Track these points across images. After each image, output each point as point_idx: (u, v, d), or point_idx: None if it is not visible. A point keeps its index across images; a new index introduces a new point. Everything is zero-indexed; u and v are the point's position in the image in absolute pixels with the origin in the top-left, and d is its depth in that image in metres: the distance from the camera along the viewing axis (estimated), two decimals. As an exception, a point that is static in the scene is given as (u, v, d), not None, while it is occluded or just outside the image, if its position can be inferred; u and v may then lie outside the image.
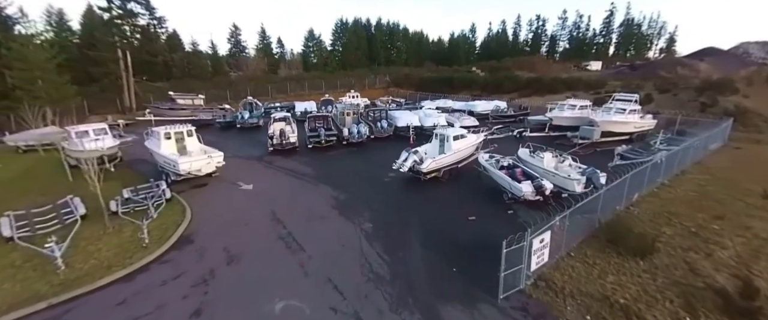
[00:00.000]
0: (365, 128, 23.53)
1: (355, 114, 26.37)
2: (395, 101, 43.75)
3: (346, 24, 78.62)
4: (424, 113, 26.92)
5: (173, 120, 31.39)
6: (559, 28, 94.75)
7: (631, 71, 47.16)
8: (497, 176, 14.27)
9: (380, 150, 22.34)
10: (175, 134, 16.21)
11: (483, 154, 16.37)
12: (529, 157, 15.50)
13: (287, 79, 52.22)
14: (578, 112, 23.44)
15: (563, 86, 39.33)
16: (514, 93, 41.57)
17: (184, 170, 14.54)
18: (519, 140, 24.05)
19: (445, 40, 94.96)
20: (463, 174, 17.00)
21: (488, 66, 59.66)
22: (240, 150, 22.57)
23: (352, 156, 21.18)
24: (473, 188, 15.42)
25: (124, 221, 11.53)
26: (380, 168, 17.93)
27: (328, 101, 36.96)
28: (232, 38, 75.67)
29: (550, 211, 12.92)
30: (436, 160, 15.70)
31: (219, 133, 28.17)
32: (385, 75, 59.09)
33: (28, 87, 27.35)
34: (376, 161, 19.68)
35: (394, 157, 16.91)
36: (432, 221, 12.24)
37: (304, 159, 20.25)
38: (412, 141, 24.15)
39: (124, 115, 32.31)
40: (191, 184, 15.44)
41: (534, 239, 8.58)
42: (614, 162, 16.84)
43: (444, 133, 17.15)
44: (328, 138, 22.12)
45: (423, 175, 15.74)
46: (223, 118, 29.62)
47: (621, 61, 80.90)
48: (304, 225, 11.94)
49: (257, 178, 16.70)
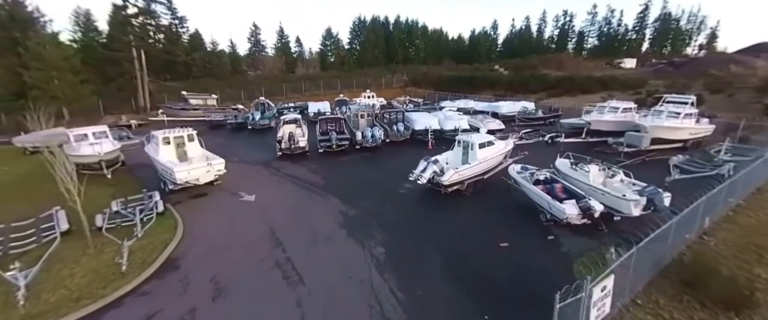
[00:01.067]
0: (380, 132, 21.78)
1: (370, 116, 24.65)
2: (412, 101, 41.76)
3: (364, 22, 77.27)
4: (445, 115, 24.87)
5: (185, 120, 30.88)
6: (588, 23, 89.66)
7: (673, 69, 43.07)
8: (532, 193, 12.17)
9: (396, 156, 20.55)
10: (174, 139, 15.03)
11: (514, 166, 14.24)
12: (571, 169, 13.25)
13: (302, 79, 51.21)
14: (621, 115, 20.75)
15: (598, 85, 36.13)
16: (541, 93, 38.64)
17: (180, 179, 13.28)
18: (551, 146, 21.68)
19: (466, 38, 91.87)
20: (490, 187, 14.94)
21: (512, 64, 56.55)
22: (248, 154, 21.36)
23: (366, 162, 19.49)
24: (502, 204, 13.37)
25: (109, 239, 10.30)
26: (395, 177, 16.15)
27: (343, 101, 35.45)
28: (252, 37, 76.04)
29: (602, 239, 10.86)
30: (460, 171, 13.74)
31: (229, 135, 27.22)
32: (402, 74, 57.12)
33: (44, 86, 27.36)
34: (391, 169, 17.91)
35: (410, 164, 15.12)
36: (456, 247, 10.34)
37: (313, 165, 18.74)
38: (430, 146, 22.24)
39: (138, 115, 32.06)
40: (190, 194, 14.19)
41: (594, 287, 6.58)
42: (672, 176, 14.30)
43: (468, 140, 15.14)
44: (339, 142, 20.53)
45: (444, 188, 13.83)
46: (235, 119, 28.66)
47: (657, 57, 75.53)
48: (307, 248, 10.32)
49: (261, 188, 15.28)
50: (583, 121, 22.08)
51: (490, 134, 17.23)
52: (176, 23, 61.43)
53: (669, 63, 54.23)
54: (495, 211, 12.82)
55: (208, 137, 26.35)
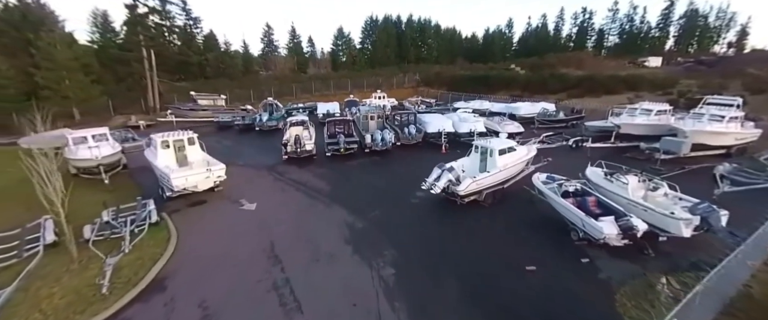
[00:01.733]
0: (390, 134, 20.61)
1: (380, 118, 23.53)
2: (425, 102, 40.44)
3: (376, 21, 76.40)
4: (459, 117, 23.52)
5: (194, 121, 30.49)
6: (608, 21, 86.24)
7: (706, 68, 40.36)
8: (561, 207, 10.81)
9: (407, 160, 19.37)
10: (174, 142, 14.25)
11: (539, 175, 12.85)
12: (605, 180, 11.79)
13: (312, 79, 50.51)
14: (655, 118, 18.98)
15: (623, 85, 33.98)
16: (561, 93, 36.70)
17: (177, 186, 12.46)
18: (575, 151, 20.11)
19: (480, 37, 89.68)
20: (511, 197, 13.60)
21: (528, 63, 54.37)
22: (253, 157, 20.55)
23: (375, 167, 18.37)
24: (525, 218, 12.03)
25: (97, 253, 9.51)
26: (407, 184, 15.00)
27: (353, 102, 34.42)
28: (265, 37, 76.13)
29: (647, 263, 9.41)
30: (478, 180, 12.46)
31: (237, 136, 26.57)
32: (414, 73, 55.76)
33: (55, 86, 27.35)
34: (402, 175, 16.76)
35: (423, 170, 13.95)
36: (475, 268, 9.12)
37: (320, 170, 17.75)
38: (444, 150, 20.98)
39: (148, 116, 31.87)
40: (189, 201, 13.37)
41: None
42: (722, 188, 12.64)
43: (487, 145, 13.83)
44: (348, 146, 19.48)
45: (460, 199, 12.59)
46: (243, 120, 28.01)
47: (683, 56, 71.80)
48: (308, 267, 9.28)
49: (264, 195, 14.36)
50: (611, 123, 20.37)
51: (509, 138, 15.81)
52: (191, 24, 61.94)
53: (699, 61, 51.11)
54: (517, 226, 11.51)
55: (215, 138, 26.02)
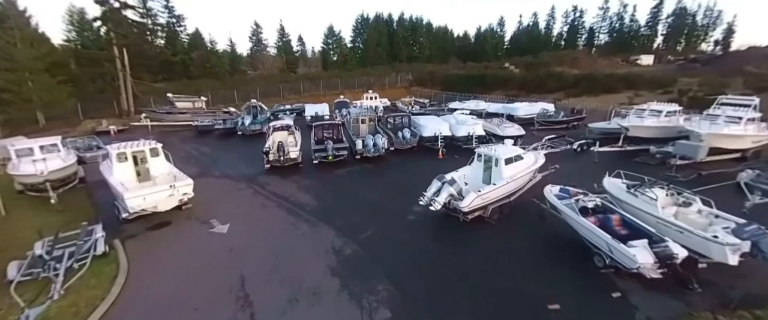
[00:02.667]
0: (383, 139, 18.98)
1: (372, 121, 21.90)
2: (418, 102, 38.96)
3: (367, 19, 74.75)
4: (456, 119, 22.02)
5: (171, 125, 28.38)
6: (599, 19, 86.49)
7: (701, 66, 39.80)
8: (581, 227, 9.34)
9: (402, 167, 17.81)
10: (132, 154, 12.30)
11: (550, 187, 11.40)
12: (628, 194, 10.36)
13: (300, 78, 48.55)
14: (665, 119, 17.77)
15: (622, 84, 32.99)
16: (559, 93, 35.59)
17: (133, 207, 10.60)
18: (581, 155, 18.81)
19: (471, 35, 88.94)
20: (519, 212, 12.13)
21: (523, 62, 53.36)
22: (232, 165, 18.67)
23: (367, 176, 16.73)
24: (539, 238, 10.57)
25: (20, 296, 7.66)
26: (402, 196, 13.44)
27: (343, 103, 32.66)
28: (253, 36, 73.67)
29: (691, 298, 7.98)
30: (483, 194, 10.94)
31: (217, 142, 24.60)
32: (407, 73, 54.24)
33: (15, 89, 24.94)
34: (397, 185, 15.18)
35: (419, 178, 12.45)
36: (486, 307, 7.58)
37: (305, 181, 16.02)
38: (441, 155, 19.49)
39: (121, 119, 29.59)
40: (151, 223, 11.50)
41: None
42: (753, 199, 11.35)
43: (492, 154, 12.30)
44: (337, 153, 17.81)
45: (462, 215, 11.06)
46: (224, 124, 26.05)
47: (672, 54, 72.17)
48: (284, 311, 7.59)
49: (239, 213, 12.59)
50: (616, 125, 19.14)
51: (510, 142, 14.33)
52: (173, 22, 59.45)
53: (692, 59, 50.88)
54: (530, 249, 10.01)
55: (193, 144, 24.10)
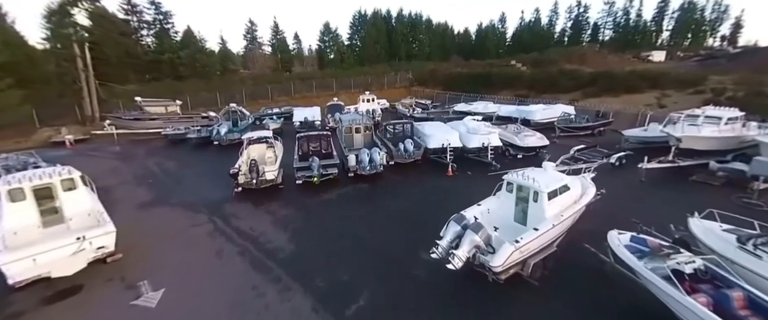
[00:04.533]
0: (381, 154, 15.62)
1: (368, 130, 18.56)
2: (420, 104, 35.61)
3: (364, 16, 71.52)
4: (466, 127, 18.71)
5: (140, 133, 24.97)
6: (604, 14, 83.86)
7: (726, 62, 36.67)
8: (684, 308, 6.07)
9: (405, 189, 14.52)
10: (34, 189, 8.92)
11: (617, 234, 8.13)
12: (740, 251, 7.06)
13: (291, 78, 45.06)
14: (726, 128, 14.50)
15: (645, 83, 29.73)
16: (574, 92, 32.31)
17: (14, 277, 7.19)
18: (619, 170, 15.58)
19: (472, 32, 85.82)
20: (567, 264, 8.85)
21: (529, 59, 50.04)
22: (197, 188, 15.26)
23: (361, 204, 13.40)
24: (607, 311, 7.31)
25: None
26: (407, 234, 10.27)
27: (337, 106, 29.10)
28: (248, 34, 70.17)
29: None
30: (521, 245, 7.64)
31: (187, 155, 21.15)
32: (406, 72, 50.85)
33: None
34: (399, 216, 11.90)
35: (427, 204, 9.53)
36: None
37: (283, 211, 12.68)
38: (451, 171, 16.23)
39: (84, 126, 26.16)
40: (52, 290, 8.09)
41: None
42: None
43: (529, 185, 8.96)
44: (324, 172, 14.51)
45: (493, 274, 7.79)
46: (198, 133, 22.65)
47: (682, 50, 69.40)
48: None
49: (184, 267, 9.24)
50: (662, 133, 15.89)
51: (550, 165, 10.99)
52: (160, 19, 56.21)
53: (710, 55, 47.97)
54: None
55: (159, 157, 20.36)
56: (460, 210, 8.76)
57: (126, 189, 15.22)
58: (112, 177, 16.63)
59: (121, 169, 18.00)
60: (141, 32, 55.12)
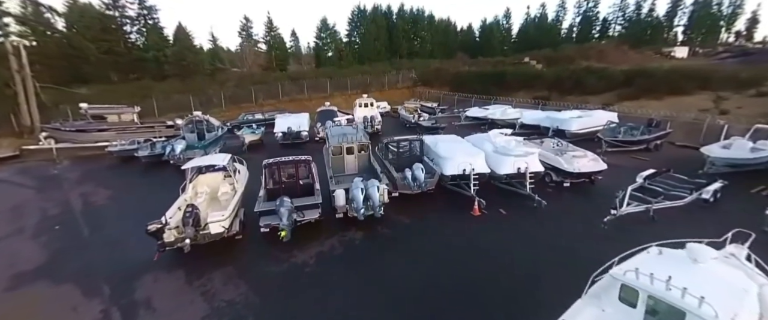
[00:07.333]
0: (382, 188, 10.95)
1: (363, 150, 13.97)
2: (425, 108, 31.09)
3: (364, 12, 66.89)
4: (494, 145, 14.08)
5: (84, 148, 20.34)
6: (615, 8, 79.80)
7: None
8: None
9: (415, 242, 9.94)
10: None
11: None
12: None
13: (280, 79, 40.42)
14: None
15: (692, 83, 25.17)
16: (607, 94, 27.75)
17: None
18: (715, 209, 11.07)
19: (476, 28, 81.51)
20: None
21: (543, 56, 45.48)
22: (113, 242, 10.50)
23: (349, 271, 8.80)
24: None
25: None
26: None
27: (329, 113, 24.25)
28: (243, 31, 65.54)
29: None
30: None
31: (133, 179, 16.48)
32: (409, 70, 46.22)
33: None
34: (408, 297, 7.34)
35: (451, 270, 5.53)
36: None
37: (229, 291, 8.10)
38: (477, 211, 11.70)
39: (21, 138, 21.58)
40: None
41: None
42: None
43: (694, 312, 4.40)
44: (298, 218, 9.94)
45: None
46: (151, 149, 18.04)
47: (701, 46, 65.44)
48: None
49: None
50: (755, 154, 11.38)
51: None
52: (145, 13, 52.05)
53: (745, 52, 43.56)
54: None
55: (88, 187, 15.08)
56: (502, 280, 4.33)
57: (11, 246, 10.48)
58: (6, 222, 11.98)
59: (29, 206, 13.21)
60: (123, 28, 51.08)
